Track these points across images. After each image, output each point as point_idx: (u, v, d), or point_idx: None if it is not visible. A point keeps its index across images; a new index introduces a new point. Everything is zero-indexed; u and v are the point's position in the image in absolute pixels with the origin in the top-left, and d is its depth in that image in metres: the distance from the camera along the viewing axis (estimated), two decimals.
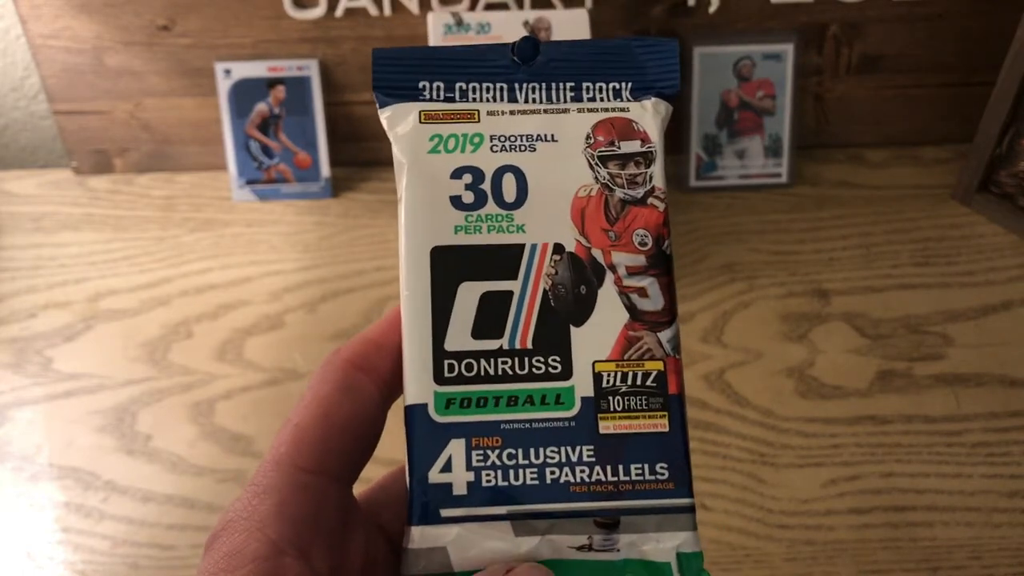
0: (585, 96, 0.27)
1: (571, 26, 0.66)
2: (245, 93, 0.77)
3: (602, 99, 0.27)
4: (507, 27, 0.66)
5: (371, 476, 0.27)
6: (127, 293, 0.71)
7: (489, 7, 0.73)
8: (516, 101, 0.27)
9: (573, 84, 0.27)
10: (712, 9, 0.75)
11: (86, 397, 0.65)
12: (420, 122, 0.26)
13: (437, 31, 0.66)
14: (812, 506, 0.57)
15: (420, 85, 0.27)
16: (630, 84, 0.27)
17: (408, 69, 0.27)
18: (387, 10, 0.74)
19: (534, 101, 0.27)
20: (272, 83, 0.77)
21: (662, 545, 0.24)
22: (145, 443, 0.62)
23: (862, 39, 0.77)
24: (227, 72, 0.77)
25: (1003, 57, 0.70)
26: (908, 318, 0.68)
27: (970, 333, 0.67)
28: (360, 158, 0.81)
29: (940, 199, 0.77)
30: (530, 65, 0.27)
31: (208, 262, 0.74)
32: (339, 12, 0.74)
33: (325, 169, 0.79)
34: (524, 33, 0.66)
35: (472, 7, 0.73)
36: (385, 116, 0.27)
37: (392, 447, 0.26)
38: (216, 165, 0.81)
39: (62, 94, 0.79)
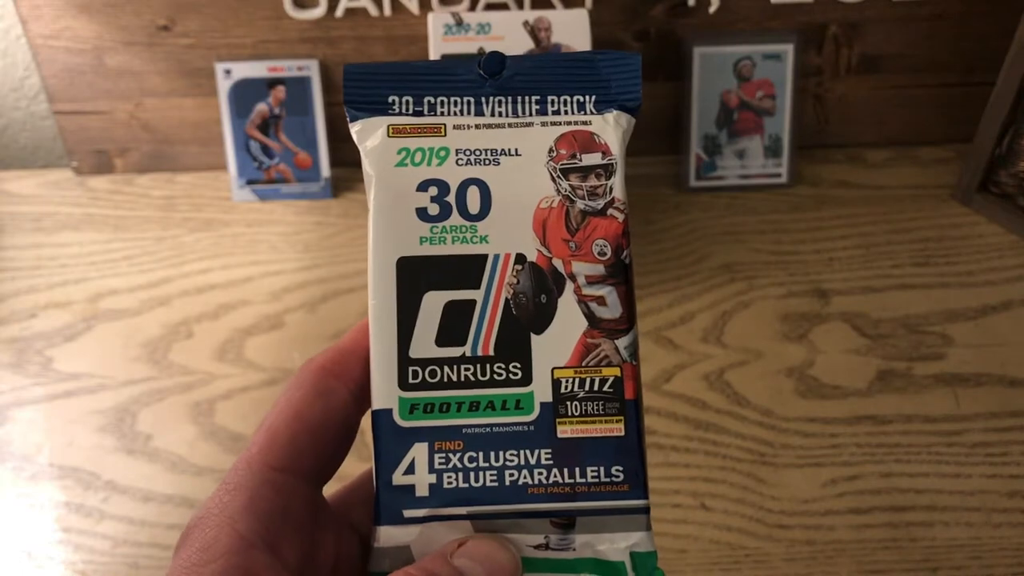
0: (550, 109, 0.27)
1: (571, 26, 0.66)
2: (245, 93, 0.77)
3: (566, 112, 0.27)
4: (507, 27, 0.66)
5: (348, 473, 0.27)
6: (127, 293, 0.71)
7: (489, 7, 0.73)
8: (483, 115, 0.27)
9: (538, 97, 0.27)
10: (712, 9, 0.75)
11: (86, 397, 0.65)
12: (388, 136, 0.27)
13: (437, 31, 0.66)
14: (812, 506, 0.57)
15: (390, 99, 0.28)
16: (594, 97, 0.28)
17: (378, 84, 0.28)
18: (387, 10, 0.74)
19: (500, 115, 0.27)
20: (272, 83, 0.77)
21: (616, 545, 0.25)
22: (145, 443, 0.62)
23: (862, 39, 0.77)
24: (227, 72, 0.77)
25: (1003, 57, 0.70)
26: (908, 318, 0.68)
27: (970, 333, 0.67)
28: (360, 158, 0.81)
29: (940, 199, 0.77)
30: (496, 79, 0.28)
31: (208, 262, 0.74)
32: (339, 12, 0.74)
33: (325, 169, 0.79)
34: (524, 33, 0.66)
35: (472, 7, 0.73)
36: (355, 130, 0.28)
37: (365, 447, 0.27)
38: (216, 165, 0.81)
39: (62, 94, 0.79)
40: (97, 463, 0.61)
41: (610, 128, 0.27)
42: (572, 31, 0.66)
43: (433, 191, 0.27)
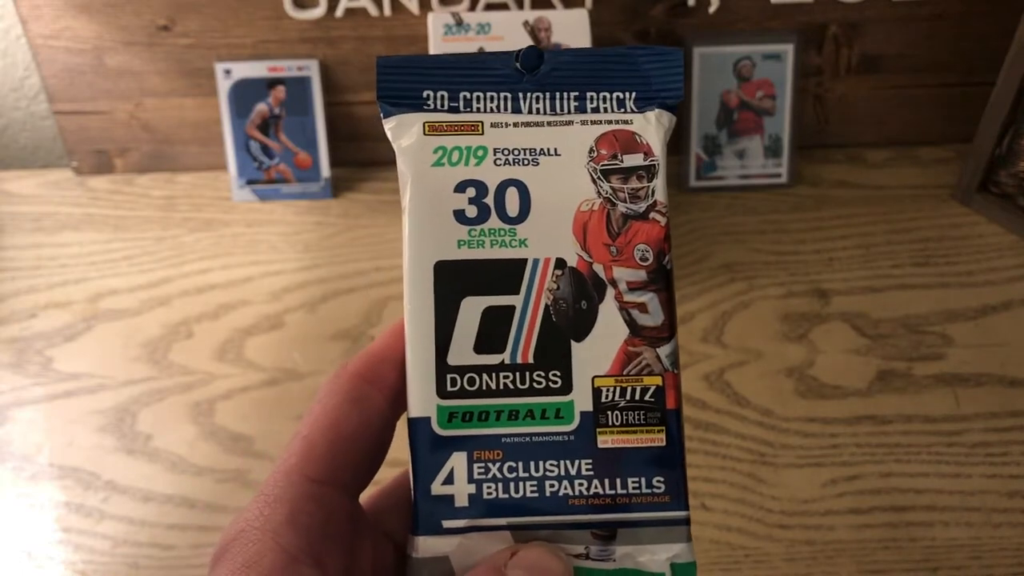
0: (589, 106, 0.27)
1: (571, 26, 0.66)
2: (245, 93, 0.77)
3: (606, 109, 0.27)
4: (507, 27, 0.66)
5: (379, 477, 0.27)
6: (127, 293, 0.71)
7: (489, 7, 0.73)
8: (520, 112, 0.27)
9: (577, 94, 0.27)
10: (712, 9, 0.75)
11: (86, 397, 0.65)
12: (424, 134, 0.26)
13: (437, 31, 0.66)
14: (812, 506, 0.57)
15: (424, 94, 0.27)
16: (634, 94, 0.27)
17: (412, 78, 0.27)
18: (387, 10, 0.74)
19: (538, 112, 0.27)
20: (272, 83, 0.77)
21: (657, 556, 0.25)
22: (145, 443, 0.62)
23: (862, 39, 0.77)
24: (227, 72, 0.77)
25: (1003, 57, 0.70)
26: (908, 318, 0.68)
27: (970, 333, 0.67)
28: (360, 158, 0.81)
29: (940, 199, 0.77)
30: (534, 74, 0.27)
31: (208, 262, 0.74)
32: (339, 12, 0.74)
33: (325, 169, 0.79)
34: (524, 33, 0.66)
35: (472, 7, 0.73)
36: (389, 127, 0.27)
37: (397, 448, 0.27)
38: (216, 165, 0.81)
39: (62, 94, 0.79)
40: (97, 463, 0.61)
41: (652, 127, 0.27)
42: (572, 31, 0.66)
43: (471, 192, 0.26)
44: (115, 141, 0.81)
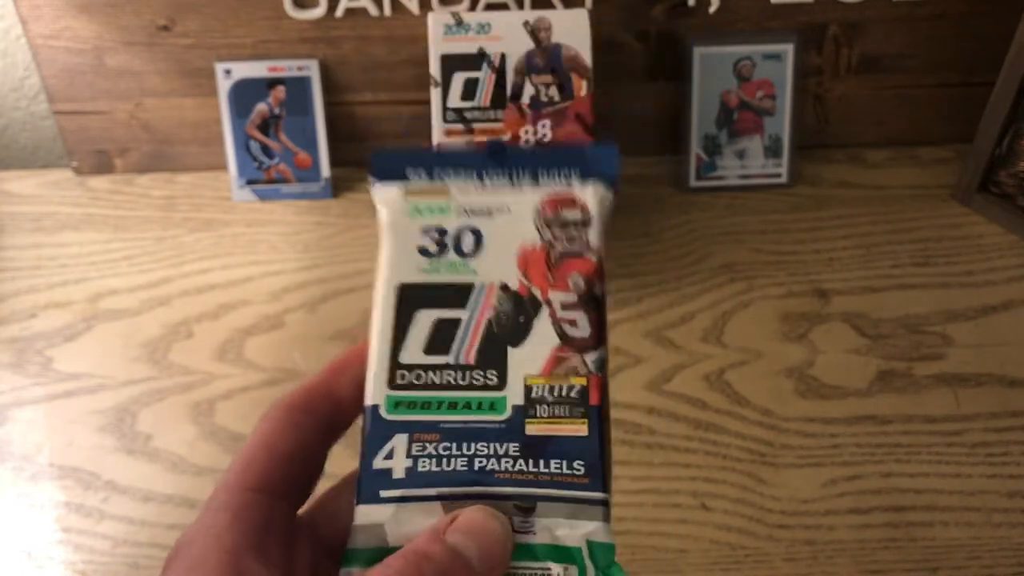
0: (540, 181, 0.32)
1: (571, 26, 0.66)
2: (245, 93, 0.77)
3: (553, 183, 0.32)
4: (507, 27, 0.66)
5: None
6: (127, 293, 0.71)
7: (489, 7, 0.73)
8: (484, 186, 0.32)
9: (532, 173, 0.32)
10: (712, 9, 0.75)
11: (86, 397, 0.65)
12: (404, 195, 0.32)
13: (437, 31, 0.66)
14: (812, 506, 0.57)
15: (407, 172, 0.32)
16: (578, 171, 0.32)
17: (398, 164, 0.32)
18: (387, 10, 0.74)
19: (497, 185, 0.32)
20: (272, 83, 0.77)
21: (574, 532, 0.27)
22: (145, 443, 0.62)
23: (862, 39, 0.77)
24: (227, 72, 0.77)
25: (1003, 57, 0.70)
26: (908, 318, 0.68)
27: (970, 333, 0.67)
28: (360, 158, 0.81)
29: (940, 199, 0.77)
30: (498, 163, 0.32)
31: (208, 262, 0.74)
32: (339, 12, 0.74)
33: (325, 169, 0.79)
34: (524, 33, 0.66)
35: (472, 7, 0.73)
36: (376, 189, 0.32)
37: (331, 462, 0.30)
38: (216, 165, 0.81)
39: (62, 94, 0.79)
40: (97, 463, 0.61)
41: (590, 193, 0.31)
42: (572, 31, 0.65)
43: (434, 235, 0.31)
44: (115, 141, 0.81)
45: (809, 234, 0.74)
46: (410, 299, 0.30)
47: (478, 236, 0.31)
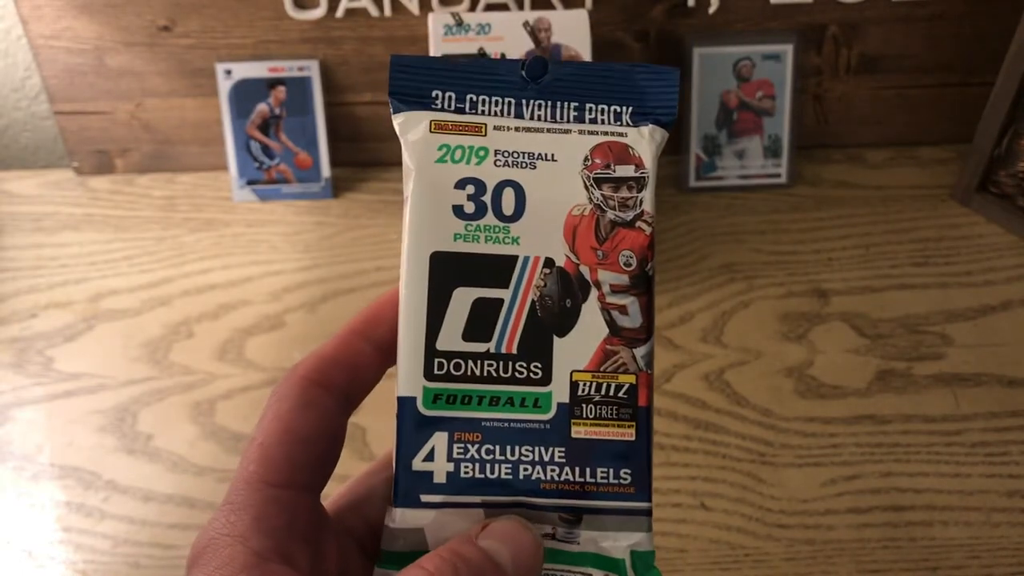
0: (587, 117, 0.28)
1: (571, 26, 0.66)
2: (246, 93, 0.77)
3: (603, 121, 0.28)
4: (507, 27, 0.66)
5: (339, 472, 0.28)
6: (128, 293, 0.72)
7: (489, 7, 0.73)
8: (522, 117, 0.28)
9: (577, 104, 0.28)
10: (712, 9, 0.75)
11: (87, 397, 0.65)
12: (430, 131, 0.27)
13: (437, 31, 0.66)
14: (811, 506, 0.57)
15: (433, 94, 0.28)
16: (630, 109, 0.28)
17: (423, 77, 0.28)
18: (387, 10, 0.74)
19: (539, 119, 0.28)
20: (273, 83, 0.77)
21: (619, 543, 0.26)
22: (146, 443, 0.62)
23: (862, 39, 0.77)
24: (228, 72, 0.77)
25: (1003, 57, 0.70)
26: (907, 318, 0.68)
27: (969, 333, 0.67)
28: (360, 158, 0.81)
29: (939, 199, 0.77)
30: (538, 83, 0.28)
31: (209, 262, 0.74)
32: (340, 12, 0.74)
33: (325, 169, 0.79)
34: (524, 33, 0.66)
35: (472, 7, 0.73)
36: (398, 122, 0.28)
37: (344, 464, 0.28)
38: (217, 165, 0.81)
39: (63, 94, 0.79)
40: (97, 463, 0.61)
41: (644, 142, 0.28)
42: (572, 31, 0.66)
43: (470, 189, 0.27)
44: (116, 141, 0.81)
45: (809, 234, 0.74)
46: (445, 272, 0.27)
47: (520, 194, 0.27)
